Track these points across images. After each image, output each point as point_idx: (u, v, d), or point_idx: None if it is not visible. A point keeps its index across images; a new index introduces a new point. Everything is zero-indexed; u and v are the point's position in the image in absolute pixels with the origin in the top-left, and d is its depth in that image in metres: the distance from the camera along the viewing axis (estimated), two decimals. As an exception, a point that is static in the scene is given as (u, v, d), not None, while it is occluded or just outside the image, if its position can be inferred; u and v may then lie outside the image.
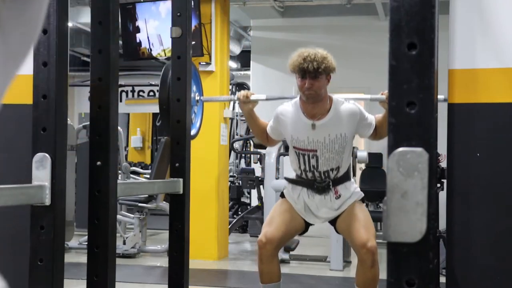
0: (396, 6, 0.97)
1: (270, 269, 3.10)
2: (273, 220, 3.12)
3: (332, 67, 2.99)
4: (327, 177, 3.10)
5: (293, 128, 3.10)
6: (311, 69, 2.93)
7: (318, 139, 3.05)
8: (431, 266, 0.95)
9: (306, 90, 2.97)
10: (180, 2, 2.53)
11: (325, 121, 3.04)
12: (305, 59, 2.93)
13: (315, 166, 3.09)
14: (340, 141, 3.05)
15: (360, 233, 2.99)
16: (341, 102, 3.09)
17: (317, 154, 3.07)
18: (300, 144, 3.09)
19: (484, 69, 2.59)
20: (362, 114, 3.09)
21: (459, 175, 2.62)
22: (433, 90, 0.96)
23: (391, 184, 0.93)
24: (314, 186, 3.11)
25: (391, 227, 0.94)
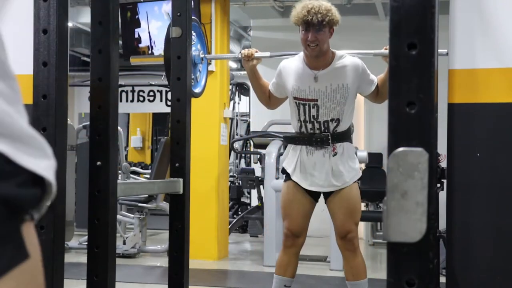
0: (396, 6, 0.97)
1: (290, 262, 3.18)
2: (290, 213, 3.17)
3: (336, 19, 3.01)
4: (327, 128, 3.09)
5: (295, 78, 3.11)
6: (315, 22, 2.94)
7: (319, 88, 3.06)
8: (431, 266, 0.95)
9: (310, 42, 2.99)
10: (180, 2, 2.53)
11: (327, 71, 3.06)
12: (310, 11, 2.94)
13: (315, 116, 3.09)
14: (342, 92, 3.06)
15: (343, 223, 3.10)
16: (344, 55, 3.11)
17: (317, 104, 3.07)
18: (301, 93, 3.09)
19: (484, 69, 2.59)
20: (365, 68, 3.11)
21: (459, 175, 2.62)
22: (433, 90, 0.96)
23: (391, 184, 0.93)
24: (312, 139, 3.10)
25: (391, 227, 0.94)
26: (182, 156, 2.49)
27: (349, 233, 3.09)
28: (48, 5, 1.71)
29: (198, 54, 3.18)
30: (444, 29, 2.33)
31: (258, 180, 7.10)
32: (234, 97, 9.22)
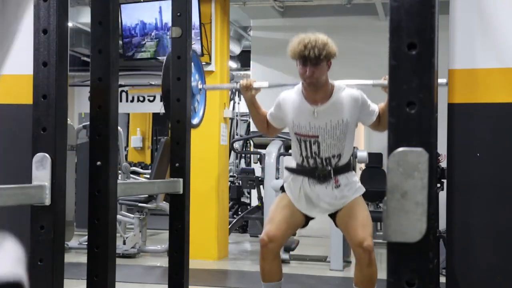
0: (396, 6, 0.97)
1: (272, 267, 3.10)
2: (274, 218, 3.12)
3: (333, 53, 2.98)
4: (329, 163, 3.08)
5: (294, 113, 3.09)
6: (312, 56, 2.90)
7: (319, 124, 3.04)
8: (431, 266, 0.95)
9: (308, 77, 2.96)
10: (180, 2, 2.53)
11: (327, 107, 3.03)
12: (306, 46, 2.91)
13: (316, 153, 3.08)
14: (341, 127, 3.04)
15: (357, 232, 3.00)
16: (342, 88, 3.08)
17: (318, 140, 3.06)
18: (301, 130, 3.08)
19: (484, 69, 2.59)
20: (364, 100, 3.07)
21: (459, 175, 2.62)
22: (433, 90, 0.96)
23: (391, 184, 0.93)
24: (315, 174, 3.09)
25: (391, 227, 0.94)
26: (182, 156, 2.49)
27: (364, 240, 2.96)
28: (48, 5, 1.71)
29: (196, 85, 3.18)
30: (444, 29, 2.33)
31: (258, 180, 7.10)
32: (234, 97, 9.22)
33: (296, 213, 3.14)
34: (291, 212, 3.13)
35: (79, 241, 6.13)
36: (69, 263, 4.99)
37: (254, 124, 3.35)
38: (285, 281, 3.38)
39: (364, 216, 3.07)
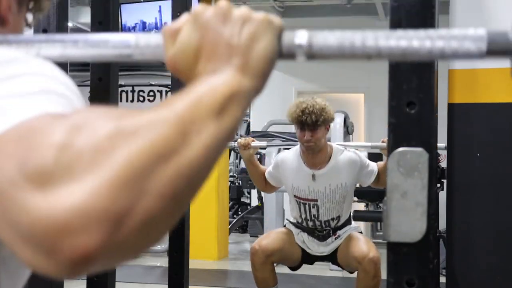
0: (396, 6, 0.97)
1: (263, 275, 3.11)
2: (271, 234, 3.18)
3: (331, 117, 3.00)
4: (328, 225, 3.14)
5: (293, 177, 3.12)
6: (309, 122, 2.92)
7: (318, 189, 3.07)
8: (431, 266, 0.95)
9: (306, 141, 2.98)
10: (180, 2, 2.53)
11: (325, 171, 3.05)
12: (303, 111, 2.92)
13: (316, 216, 3.13)
14: (340, 191, 3.07)
15: (360, 247, 2.99)
16: (341, 151, 3.09)
17: (317, 204, 3.09)
18: (300, 193, 3.11)
19: (484, 69, 2.59)
20: (363, 162, 3.08)
21: (459, 175, 2.62)
22: (433, 90, 0.96)
23: (391, 184, 0.93)
24: (314, 234, 3.17)
25: (391, 227, 0.94)
26: (182, 156, 2.49)
27: (370, 252, 2.92)
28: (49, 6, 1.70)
29: None
30: (444, 29, 2.33)
31: (258, 180, 7.09)
32: (234, 97, 9.20)
33: (295, 245, 3.19)
34: (290, 241, 3.17)
35: (79, 241, 6.13)
36: (69, 263, 4.98)
37: (253, 181, 3.41)
38: (285, 281, 3.38)
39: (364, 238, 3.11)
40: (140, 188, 0.42)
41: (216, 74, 0.54)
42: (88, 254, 0.41)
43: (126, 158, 0.42)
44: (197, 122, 0.47)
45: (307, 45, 0.61)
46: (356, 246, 3.02)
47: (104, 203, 0.41)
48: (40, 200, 0.41)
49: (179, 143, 0.45)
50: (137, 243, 0.44)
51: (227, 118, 0.50)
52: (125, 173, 0.42)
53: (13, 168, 0.42)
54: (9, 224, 0.43)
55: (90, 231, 0.40)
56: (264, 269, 3.08)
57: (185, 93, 0.52)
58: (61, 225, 0.40)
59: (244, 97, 0.54)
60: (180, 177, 0.45)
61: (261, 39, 0.57)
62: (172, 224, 0.46)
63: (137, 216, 0.42)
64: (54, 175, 0.41)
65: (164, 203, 0.44)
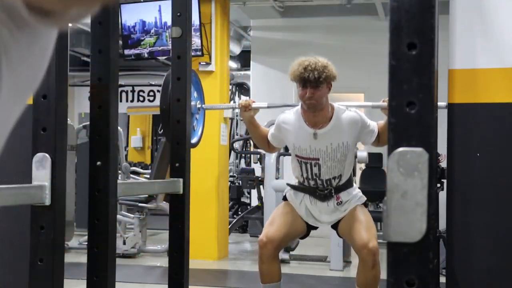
0: (396, 6, 0.97)
1: (270, 269, 3.10)
2: (275, 221, 3.13)
3: (333, 75, 2.99)
4: (329, 185, 3.11)
5: (295, 137, 3.11)
6: (312, 79, 2.91)
7: (320, 147, 3.05)
8: (431, 266, 0.95)
9: (307, 99, 2.97)
10: (180, 2, 2.53)
11: (327, 130, 3.05)
12: (306, 68, 2.92)
13: (317, 174, 3.10)
14: (342, 150, 3.06)
15: (361, 234, 2.99)
16: (342, 110, 3.08)
17: (319, 163, 3.08)
18: (302, 152, 3.09)
19: (484, 69, 2.59)
20: (364, 121, 3.08)
21: (459, 175, 2.62)
22: (433, 90, 0.96)
23: (391, 184, 0.93)
24: (316, 194, 3.12)
25: (391, 227, 0.94)
26: (182, 156, 2.49)
27: (369, 242, 2.94)
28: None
29: (195, 104, 3.19)
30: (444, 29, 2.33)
31: (258, 180, 7.10)
32: (234, 97, 9.21)
33: (298, 220, 3.16)
34: (293, 218, 3.14)
35: (79, 241, 6.13)
36: (69, 263, 4.98)
37: (255, 142, 3.38)
38: (285, 281, 3.38)
39: (367, 219, 3.08)
40: None
41: None
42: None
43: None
44: None
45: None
46: (357, 229, 3.03)
47: None
48: None
49: None
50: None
51: None
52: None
53: None
54: None
55: None
56: (272, 262, 3.09)
57: None
58: None
59: None
60: None
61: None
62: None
63: None
64: None
65: None
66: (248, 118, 3.22)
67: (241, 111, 3.22)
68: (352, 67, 7.42)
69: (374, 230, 3.08)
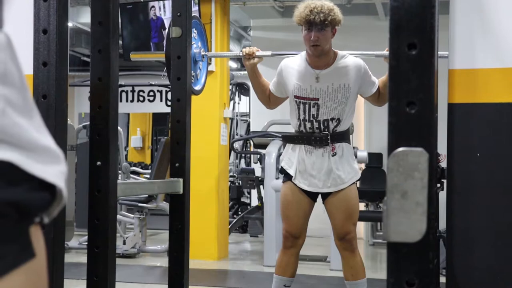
0: (396, 6, 0.97)
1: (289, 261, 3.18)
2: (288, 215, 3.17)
3: (338, 19, 3.02)
4: (326, 127, 3.09)
5: (296, 77, 3.12)
6: (317, 21, 2.94)
7: (321, 87, 3.07)
8: (431, 266, 0.95)
9: (312, 42, 2.99)
10: (180, 2, 2.53)
11: (329, 71, 3.07)
12: (312, 10, 2.95)
13: (315, 115, 3.08)
14: (343, 91, 3.07)
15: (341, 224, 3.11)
16: (346, 55, 3.12)
17: (318, 103, 3.07)
18: (302, 92, 3.09)
19: (484, 69, 2.59)
20: (366, 69, 3.12)
21: (459, 175, 2.62)
22: (433, 90, 0.96)
23: (391, 184, 0.93)
24: (312, 139, 3.10)
25: (391, 227, 0.94)
26: (182, 156, 2.49)
27: (347, 234, 3.10)
28: (48, 5, 1.71)
29: (198, 52, 3.19)
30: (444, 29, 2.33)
31: (258, 180, 7.10)
32: (234, 97, 9.22)
33: (302, 199, 3.17)
34: (298, 200, 3.16)
35: (79, 241, 6.13)
36: (69, 263, 4.99)
37: (256, 95, 3.34)
38: (285, 281, 3.37)
39: (351, 207, 3.14)
40: None
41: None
42: None
43: None
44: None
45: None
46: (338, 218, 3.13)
47: None
48: None
49: None
50: None
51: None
52: None
53: None
54: None
55: None
56: (292, 256, 3.18)
57: None
58: None
59: None
60: None
61: None
62: None
63: None
64: None
65: None
66: (251, 67, 3.20)
67: (244, 59, 3.20)
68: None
69: (355, 216, 3.16)
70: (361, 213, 6.42)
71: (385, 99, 3.08)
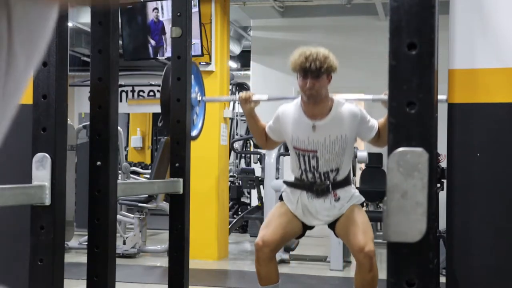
0: (396, 6, 0.97)
1: (267, 271, 3.09)
2: (271, 223, 3.11)
3: (334, 66, 2.97)
4: (327, 178, 3.08)
5: (293, 127, 3.09)
6: (313, 69, 2.90)
7: (318, 139, 3.04)
8: (431, 266, 0.95)
9: (308, 89, 2.95)
10: (180, 2, 2.53)
11: (326, 122, 3.03)
12: (307, 58, 2.90)
13: (315, 167, 3.08)
14: (340, 143, 3.04)
15: (358, 237, 2.97)
16: (342, 103, 3.07)
17: (317, 155, 3.06)
18: (300, 144, 3.08)
19: (484, 69, 2.59)
20: (363, 116, 3.07)
21: (459, 175, 2.62)
22: (433, 90, 0.96)
23: (391, 184, 0.93)
24: (313, 189, 3.10)
25: (391, 227, 0.94)
26: (182, 156, 2.49)
27: (366, 246, 2.93)
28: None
29: (195, 97, 3.18)
30: (444, 29, 2.33)
31: (258, 180, 7.10)
32: (234, 97, 9.21)
33: (294, 220, 3.14)
34: (288, 219, 3.12)
35: (79, 241, 6.13)
36: (69, 263, 4.99)
37: (253, 136, 3.36)
38: (285, 281, 3.38)
39: (363, 222, 3.06)
40: None
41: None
42: None
43: None
44: None
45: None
46: (354, 233, 3.01)
47: None
48: None
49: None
50: None
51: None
52: None
53: None
54: None
55: None
56: (269, 264, 3.07)
57: None
58: None
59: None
60: None
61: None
62: None
63: None
64: None
65: None
66: (248, 111, 3.20)
67: (242, 103, 3.19)
68: (352, 67, 7.42)
69: (371, 232, 3.06)
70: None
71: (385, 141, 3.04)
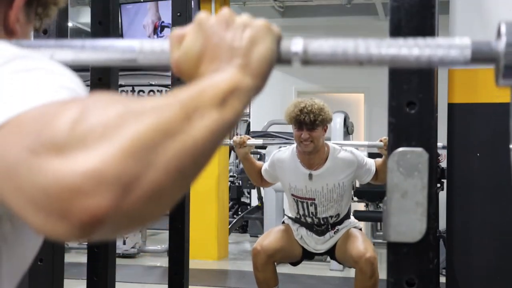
0: (396, 6, 0.97)
1: (265, 276, 3.10)
2: (271, 234, 3.17)
3: (329, 118, 3.00)
4: (326, 222, 3.14)
5: (290, 177, 3.12)
6: (308, 121, 2.91)
7: (316, 188, 3.06)
8: (431, 266, 0.95)
9: (303, 141, 2.97)
10: (180, 2, 2.53)
11: (322, 171, 3.05)
12: (302, 110, 2.92)
13: (314, 213, 3.13)
14: (338, 190, 3.07)
15: (358, 247, 3.00)
16: (338, 151, 3.09)
17: (315, 202, 3.09)
18: (298, 192, 3.11)
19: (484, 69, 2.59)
20: (360, 162, 3.08)
21: (459, 175, 2.62)
22: (433, 90, 0.96)
23: (391, 184, 0.93)
24: (313, 229, 3.16)
25: (391, 227, 0.94)
26: (182, 156, 2.49)
27: (367, 252, 2.93)
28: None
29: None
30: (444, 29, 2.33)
31: (258, 180, 7.09)
32: (234, 97, 9.20)
33: (295, 242, 3.18)
34: (289, 238, 3.17)
35: (79, 241, 6.12)
36: (69, 263, 4.99)
37: (249, 176, 3.40)
38: (285, 281, 3.38)
39: (362, 235, 3.12)
40: (148, 160, 0.46)
41: (219, 72, 0.58)
42: (98, 216, 0.44)
43: (135, 132, 0.46)
44: (200, 109, 0.51)
45: (303, 52, 0.67)
46: (353, 244, 3.02)
47: (114, 170, 0.45)
48: (57, 164, 0.45)
49: (184, 124, 0.49)
50: (143, 212, 0.47)
51: (228, 109, 0.54)
52: (134, 145, 0.46)
53: (31, 140, 0.46)
54: (23, 191, 0.46)
55: (101, 194, 0.44)
56: (266, 269, 3.08)
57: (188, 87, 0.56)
58: (75, 187, 0.44)
59: (245, 93, 0.57)
60: (185, 154, 0.49)
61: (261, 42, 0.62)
62: (176, 198, 0.50)
63: (145, 186, 0.46)
64: (70, 144, 0.45)
65: (169, 176, 0.47)
66: (243, 155, 3.22)
67: (236, 147, 3.20)
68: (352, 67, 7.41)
69: (371, 244, 3.09)
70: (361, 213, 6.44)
71: (383, 180, 3.06)
